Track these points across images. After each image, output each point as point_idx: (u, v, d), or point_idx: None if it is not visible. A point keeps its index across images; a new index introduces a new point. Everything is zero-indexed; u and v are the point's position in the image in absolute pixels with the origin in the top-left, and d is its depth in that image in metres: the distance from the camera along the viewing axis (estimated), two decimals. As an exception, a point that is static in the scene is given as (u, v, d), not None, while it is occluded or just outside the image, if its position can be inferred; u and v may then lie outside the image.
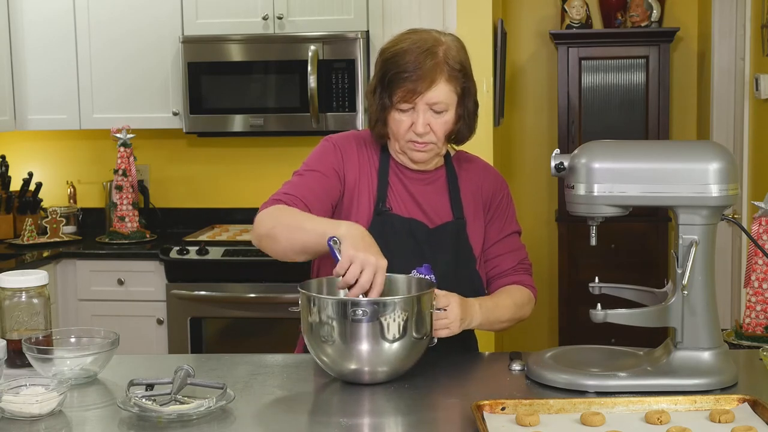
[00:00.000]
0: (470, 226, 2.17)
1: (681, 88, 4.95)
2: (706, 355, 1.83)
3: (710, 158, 1.80)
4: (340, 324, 1.79)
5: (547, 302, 5.08)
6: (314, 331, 1.83)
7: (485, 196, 2.21)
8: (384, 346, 1.79)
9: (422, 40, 2.05)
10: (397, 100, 2.04)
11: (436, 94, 2.03)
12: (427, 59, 2.02)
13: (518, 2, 5.02)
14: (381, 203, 2.12)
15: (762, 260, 2.28)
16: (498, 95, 4.10)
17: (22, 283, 1.98)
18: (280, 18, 4.10)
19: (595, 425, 1.60)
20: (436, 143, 2.08)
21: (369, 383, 1.84)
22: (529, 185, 5.09)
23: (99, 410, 1.77)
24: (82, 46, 4.25)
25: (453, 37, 2.11)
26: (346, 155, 2.16)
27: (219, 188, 4.58)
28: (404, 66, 2.02)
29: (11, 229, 4.33)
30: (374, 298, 1.80)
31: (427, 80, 2.02)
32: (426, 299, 1.85)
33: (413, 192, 2.16)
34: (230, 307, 3.92)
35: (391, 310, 1.79)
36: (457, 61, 2.06)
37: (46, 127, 4.38)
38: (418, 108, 2.04)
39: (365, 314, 1.77)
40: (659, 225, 4.73)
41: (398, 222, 2.11)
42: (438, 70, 2.02)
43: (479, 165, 2.26)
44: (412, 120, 2.05)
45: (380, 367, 1.82)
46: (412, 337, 1.81)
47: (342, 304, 1.79)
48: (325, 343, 1.82)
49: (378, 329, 1.78)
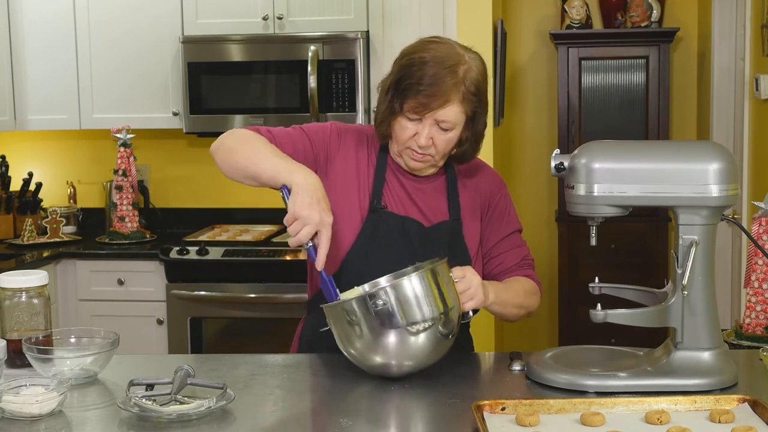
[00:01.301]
0: (466, 227, 2.17)
1: (681, 88, 4.95)
2: (706, 355, 1.84)
3: (710, 158, 1.80)
4: (366, 319, 1.79)
5: (547, 302, 5.08)
6: (348, 335, 1.83)
7: (483, 196, 2.21)
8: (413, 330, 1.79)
9: (446, 56, 2.02)
10: (407, 110, 2.03)
11: (446, 113, 2.01)
12: (446, 77, 1.99)
13: (518, 2, 5.02)
14: (376, 200, 2.12)
15: (762, 260, 2.28)
16: (498, 95, 4.10)
17: (22, 283, 1.98)
18: (280, 18, 4.10)
19: (595, 425, 1.60)
20: (434, 156, 2.08)
21: (397, 376, 1.84)
22: (529, 185, 5.09)
23: (99, 410, 1.77)
24: (82, 46, 4.25)
25: (476, 57, 2.07)
26: (344, 145, 2.16)
27: (219, 188, 4.57)
28: (422, 79, 2.00)
29: (11, 229, 4.33)
30: (389, 282, 1.83)
31: (441, 99, 1.99)
32: (441, 270, 1.84)
33: (410, 191, 2.16)
34: (230, 307, 3.92)
35: (410, 289, 1.79)
36: (475, 84, 2.03)
37: (46, 127, 4.38)
38: (425, 122, 2.03)
39: (385, 303, 1.77)
40: (659, 225, 4.73)
41: (392, 220, 2.11)
42: (454, 91, 2.00)
43: (477, 165, 2.26)
44: (416, 130, 2.04)
45: (413, 355, 1.82)
46: (441, 313, 1.81)
47: (362, 300, 1.79)
48: (357, 342, 1.82)
49: (404, 312, 1.78)
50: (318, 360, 2.06)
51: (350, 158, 2.16)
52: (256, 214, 4.49)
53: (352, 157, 2.16)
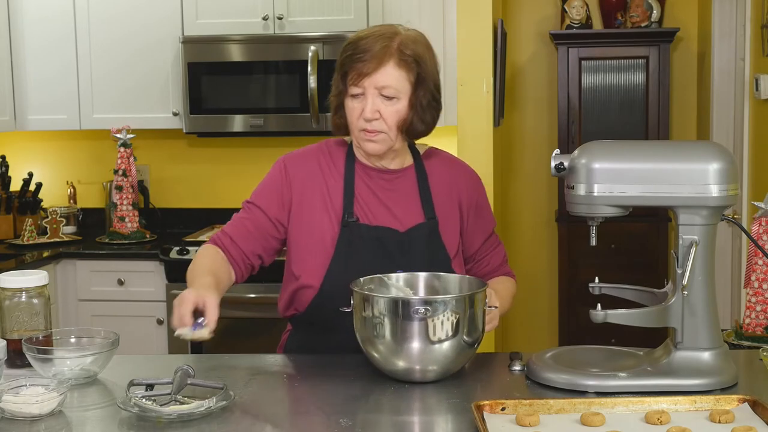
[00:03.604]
0: (443, 225, 2.16)
1: (681, 88, 4.95)
2: (706, 356, 1.84)
3: (710, 158, 1.80)
4: (393, 322, 1.80)
5: (547, 302, 5.08)
6: (369, 330, 1.84)
7: (461, 194, 2.21)
8: (437, 345, 1.81)
9: (381, 29, 2.08)
10: (348, 83, 2.05)
11: (384, 77, 2.02)
12: (379, 42, 2.03)
13: (518, 2, 5.02)
14: (347, 214, 2.11)
15: (762, 260, 2.28)
16: (498, 95, 4.10)
17: (22, 284, 1.98)
18: (280, 18, 4.10)
19: (595, 425, 1.60)
20: (387, 133, 2.07)
21: (420, 381, 1.85)
22: (529, 185, 5.09)
23: (99, 410, 1.77)
24: (82, 46, 4.25)
25: (416, 32, 2.11)
26: (298, 175, 2.15)
27: (219, 188, 4.58)
28: (357, 49, 2.04)
29: (11, 229, 4.34)
30: (426, 297, 1.90)
31: (375, 61, 2.02)
32: (480, 297, 1.87)
33: (381, 197, 2.15)
34: (230, 307, 3.90)
35: (449, 308, 1.81)
36: (411, 48, 2.05)
37: (46, 127, 4.38)
38: (368, 93, 2.04)
39: (428, 312, 1.79)
40: (659, 225, 4.73)
41: (366, 231, 2.10)
42: (388, 53, 2.02)
43: (449, 160, 2.26)
44: (362, 106, 2.05)
45: (431, 366, 1.83)
46: (464, 335, 1.83)
47: (405, 304, 1.80)
48: (378, 342, 1.83)
49: (433, 327, 1.80)
50: (318, 360, 2.06)
51: (315, 179, 2.15)
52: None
53: (316, 176, 2.15)
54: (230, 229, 2.18)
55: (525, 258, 5.11)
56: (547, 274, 5.05)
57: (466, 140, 3.88)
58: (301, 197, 2.14)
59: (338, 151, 2.18)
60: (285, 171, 2.17)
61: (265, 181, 2.21)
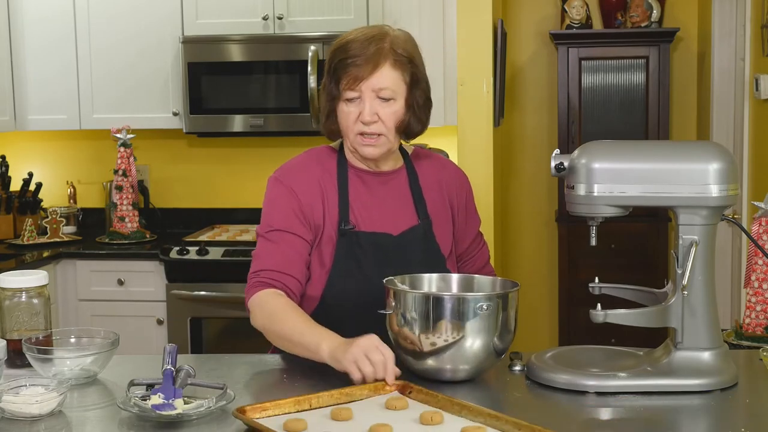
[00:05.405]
0: (436, 224, 2.17)
1: (681, 88, 4.95)
2: (706, 356, 1.84)
3: (710, 158, 1.80)
4: (453, 319, 1.80)
5: (547, 302, 5.08)
6: (415, 328, 1.83)
7: (451, 194, 2.22)
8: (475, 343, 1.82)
9: (369, 31, 2.06)
10: (343, 88, 2.03)
11: (381, 79, 2.01)
12: (371, 45, 2.02)
13: (518, 2, 5.02)
14: (344, 223, 2.10)
15: (762, 260, 2.28)
16: (498, 95, 4.10)
17: (22, 283, 1.98)
18: (280, 18, 4.10)
19: (345, 419, 1.60)
20: (386, 135, 2.06)
21: (449, 381, 1.85)
22: (529, 185, 5.09)
23: (99, 410, 1.77)
24: (82, 46, 4.25)
25: (404, 32, 2.11)
26: (301, 189, 2.11)
27: (219, 188, 4.58)
28: (348, 52, 2.02)
29: (11, 229, 4.33)
30: (485, 293, 1.87)
31: (371, 64, 2.01)
32: (513, 297, 1.88)
33: (376, 199, 2.14)
34: (230, 307, 3.92)
35: (512, 302, 1.85)
36: (403, 47, 2.05)
37: (46, 127, 4.38)
38: (365, 96, 2.03)
39: (489, 307, 1.80)
40: (659, 225, 4.74)
41: (363, 238, 2.10)
42: (382, 55, 2.01)
43: (438, 160, 2.26)
44: (359, 110, 2.04)
45: (462, 365, 1.83)
46: (498, 335, 1.84)
47: (462, 300, 1.80)
48: (423, 340, 1.82)
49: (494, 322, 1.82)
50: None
51: (313, 189, 2.12)
52: (256, 214, 4.42)
53: (314, 187, 2.12)
54: (271, 263, 2.07)
55: (525, 258, 5.11)
56: (547, 274, 5.05)
57: (466, 140, 3.88)
58: (311, 210, 2.11)
59: (329, 159, 2.16)
60: (291, 189, 2.12)
61: (276, 205, 2.13)
